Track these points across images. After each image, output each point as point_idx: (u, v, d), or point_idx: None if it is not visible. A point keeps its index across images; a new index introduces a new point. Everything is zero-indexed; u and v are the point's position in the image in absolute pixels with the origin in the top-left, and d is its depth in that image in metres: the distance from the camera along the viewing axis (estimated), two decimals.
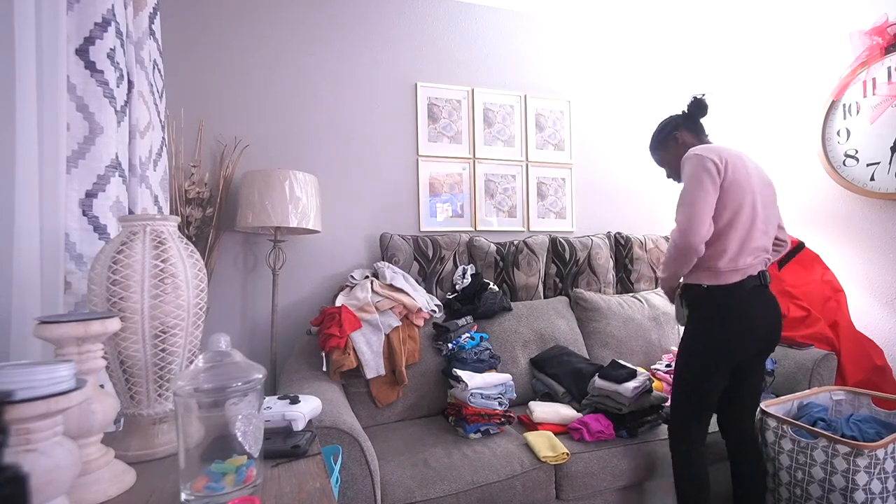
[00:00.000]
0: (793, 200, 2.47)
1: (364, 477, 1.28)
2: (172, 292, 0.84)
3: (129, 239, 0.83)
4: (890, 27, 2.04)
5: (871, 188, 2.10)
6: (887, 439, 1.44)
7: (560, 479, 1.52)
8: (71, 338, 0.69)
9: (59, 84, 0.99)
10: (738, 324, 1.41)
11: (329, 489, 0.71)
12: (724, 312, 1.41)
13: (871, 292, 2.17)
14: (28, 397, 0.53)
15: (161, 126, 1.46)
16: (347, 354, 1.75)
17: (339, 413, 1.36)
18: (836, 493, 1.44)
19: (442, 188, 2.40)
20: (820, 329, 2.04)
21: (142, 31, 1.34)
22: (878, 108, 2.08)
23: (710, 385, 1.44)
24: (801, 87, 2.42)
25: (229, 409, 0.71)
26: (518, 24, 2.59)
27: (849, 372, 1.99)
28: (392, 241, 2.13)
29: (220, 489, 0.67)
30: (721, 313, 1.41)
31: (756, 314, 1.43)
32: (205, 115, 2.04)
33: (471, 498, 1.40)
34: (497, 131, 2.52)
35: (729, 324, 1.40)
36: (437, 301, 2.06)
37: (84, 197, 1.06)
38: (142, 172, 1.29)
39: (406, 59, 2.37)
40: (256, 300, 2.09)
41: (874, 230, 2.15)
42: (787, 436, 1.57)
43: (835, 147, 2.24)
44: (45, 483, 0.53)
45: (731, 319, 1.40)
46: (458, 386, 1.72)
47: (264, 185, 1.82)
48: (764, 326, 1.45)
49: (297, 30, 2.20)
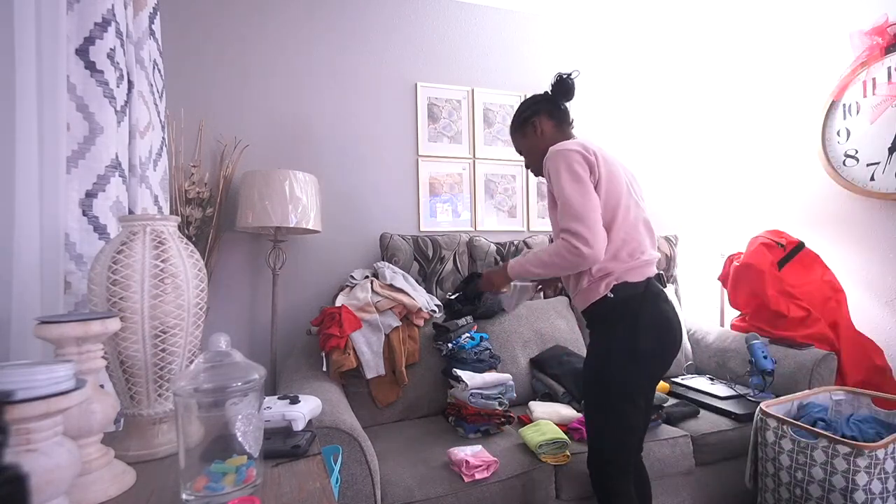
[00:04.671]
0: (793, 200, 2.47)
1: (364, 477, 1.28)
2: (172, 292, 0.84)
3: (129, 239, 0.83)
4: (890, 27, 2.03)
5: (871, 188, 2.10)
6: (887, 439, 1.44)
7: (560, 479, 1.52)
8: (71, 338, 0.69)
9: (59, 84, 0.99)
10: (660, 330, 1.26)
11: (329, 489, 0.71)
12: (645, 319, 1.24)
13: (871, 292, 2.17)
14: (28, 397, 0.53)
15: (161, 126, 1.46)
16: (347, 354, 1.75)
17: (339, 413, 1.36)
18: (836, 494, 1.44)
19: (442, 188, 2.40)
20: (820, 329, 2.04)
21: (142, 31, 1.33)
22: (878, 108, 2.08)
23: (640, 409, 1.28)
24: (801, 87, 2.42)
25: (229, 409, 0.71)
26: (518, 24, 2.59)
27: (849, 372, 1.99)
28: (392, 241, 2.13)
29: (220, 489, 0.67)
30: (641, 319, 1.24)
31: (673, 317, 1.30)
32: (205, 115, 2.04)
33: (470, 498, 1.40)
34: (497, 131, 2.52)
35: (653, 331, 1.24)
36: (437, 301, 2.06)
37: (84, 197, 1.06)
38: (142, 172, 1.29)
39: (406, 59, 2.37)
40: (256, 300, 2.09)
41: (874, 230, 2.15)
42: (787, 436, 1.57)
43: (835, 147, 2.24)
44: (45, 483, 0.53)
45: (653, 326, 1.24)
46: (458, 386, 1.72)
47: (264, 185, 1.82)
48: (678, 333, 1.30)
49: (298, 30, 2.20)
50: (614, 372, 1.24)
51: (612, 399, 1.26)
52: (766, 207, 2.60)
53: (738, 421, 1.80)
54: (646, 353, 1.24)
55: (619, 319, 1.25)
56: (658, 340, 1.26)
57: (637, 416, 1.28)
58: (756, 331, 2.18)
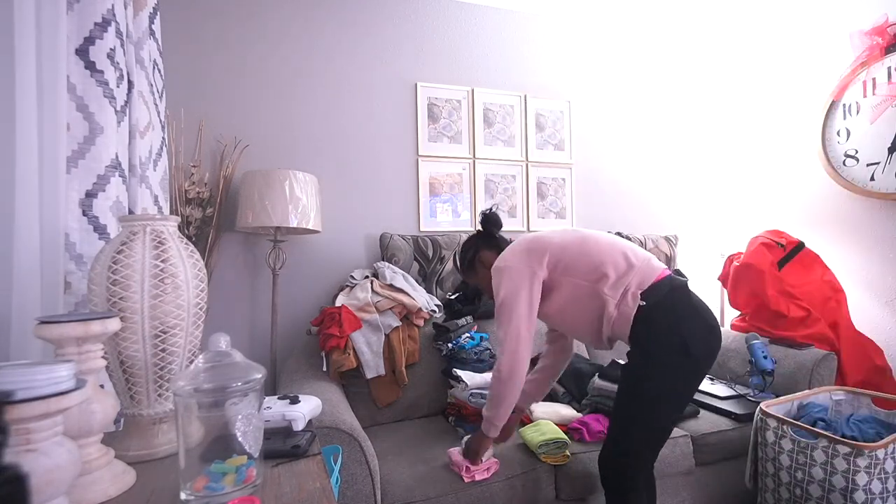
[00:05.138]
0: (793, 200, 2.47)
1: (364, 477, 1.28)
2: (172, 292, 0.84)
3: (129, 239, 0.83)
4: (890, 27, 2.03)
5: (871, 188, 2.10)
6: (887, 439, 1.44)
7: (560, 479, 1.52)
8: (71, 338, 0.69)
9: (59, 84, 0.99)
10: (700, 317, 1.28)
11: (329, 489, 0.71)
12: (683, 309, 1.26)
13: (871, 292, 2.17)
14: (28, 397, 0.53)
15: (161, 126, 1.46)
16: (347, 354, 1.75)
17: (339, 413, 1.36)
18: (836, 494, 1.44)
19: (442, 188, 2.40)
20: (820, 329, 2.04)
21: (142, 31, 1.33)
22: (878, 108, 2.08)
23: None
24: (801, 87, 2.42)
25: (229, 409, 0.71)
26: (518, 24, 2.59)
27: (849, 372, 1.99)
28: (392, 241, 2.13)
29: (220, 489, 0.67)
30: (678, 310, 1.26)
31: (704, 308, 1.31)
32: (205, 115, 2.04)
33: (470, 498, 1.39)
34: (497, 131, 2.52)
35: (694, 320, 1.26)
36: (437, 301, 2.06)
37: (84, 197, 1.06)
38: (142, 172, 1.29)
39: (406, 59, 2.37)
40: (256, 300, 2.09)
41: (874, 230, 2.15)
42: (787, 436, 1.57)
43: (835, 147, 2.24)
44: (45, 483, 0.53)
45: (692, 316, 1.26)
46: (458, 386, 1.72)
47: (264, 185, 1.82)
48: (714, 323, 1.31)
49: (297, 30, 2.20)
50: (661, 365, 1.24)
51: (652, 396, 1.26)
52: (766, 207, 2.60)
53: (738, 421, 1.80)
54: (694, 342, 1.23)
55: (660, 317, 1.25)
56: (701, 328, 1.26)
57: (670, 417, 1.31)
58: (756, 331, 2.18)
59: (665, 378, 1.25)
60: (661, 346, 1.24)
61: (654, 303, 1.24)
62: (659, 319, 1.25)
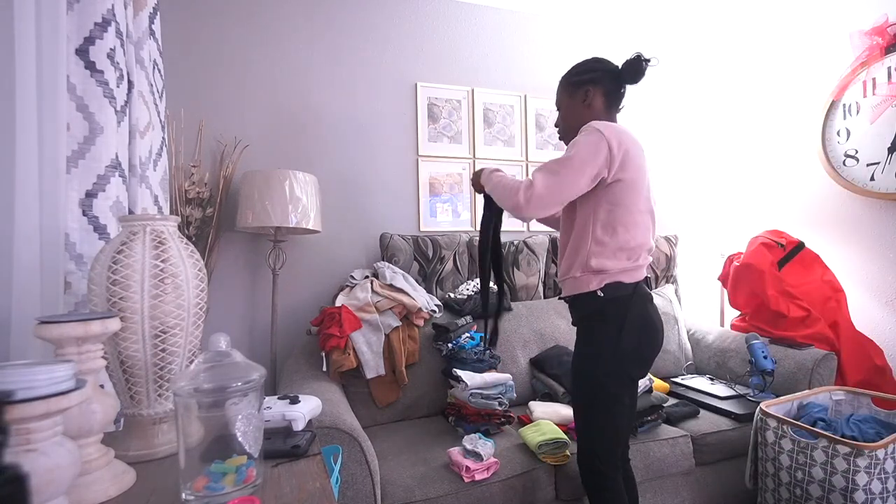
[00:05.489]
0: (793, 200, 2.47)
1: (364, 477, 1.28)
2: (172, 292, 0.84)
3: (129, 239, 0.83)
4: (890, 27, 2.04)
5: (871, 188, 2.10)
6: (887, 439, 1.44)
7: (560, 479, 1.52)
8: (71, 338, 0.69)
9: (59, 84, 0.99)
10: (645, 331, 1.27)
11: (329, 489, 0.71)
12: (632, 320, 1.25)
13: (871, 292, 2.17)
14: (28, 397, 0.53)
15: (161, 126, 1.46)
16: (347, 354, 1.75)
17: (339, 413, 1.36)
18: (836, 494, 1.44)
19: (442, 188, 2.40)
20: (820, 329, 2.04)
21: (142, 31, 1.33)
22: (878, 108, 2.08)
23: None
24: (801, 87, 2.42)
25: (229, 409, 0.71)
26: (518, 24, 2.59)
27: (849, 372, 1.99)
28: (392, 241, 2.13)
29: (220, 489, 0.67)
30: (628, 321, 1.24)
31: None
32: (205, 115, 2.04)
33: (470, 498, 1.40)
34: (497, 131, 2.52)
35: (638, 332, 1.26)
36: (437, 301, 2.06)
37: (84, 197, 1.06)
38: (142, 172, 1.29)
39: (406, 59, 2.37)
40: (256, 300, 2.09)
41: (874, 230, 2.15)
42: (787, 436, 1.57)
43: (835, 147, 2.24)
44: (45, 483, 0.53)
45: (638, 327, 1.26)
46: (458, 386, 1.72)
47: (264, 185, 1.82)
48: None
49: (297, 30, 2.20)
50: (601, 372, 1.25)
51: (599, 398, 1.27)
52: (766, 207, 2.60)
53: (738, 421, 1.80)
54: (629, 353, 1.25)
55: (607, 320, 1.25)
56: (641, 341, 1.27)
57: (623, 415, 1.30)
58: (756, 331, 2.18)
59: (602, 375, 1.26)
60: (601, 344, 1.26)
61: (610, 298, 1.24)
62: (602, 319, 1.26)
